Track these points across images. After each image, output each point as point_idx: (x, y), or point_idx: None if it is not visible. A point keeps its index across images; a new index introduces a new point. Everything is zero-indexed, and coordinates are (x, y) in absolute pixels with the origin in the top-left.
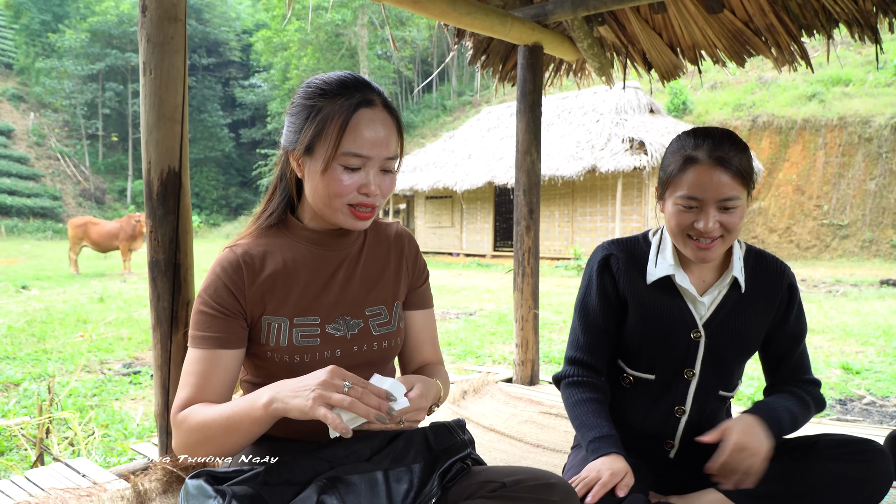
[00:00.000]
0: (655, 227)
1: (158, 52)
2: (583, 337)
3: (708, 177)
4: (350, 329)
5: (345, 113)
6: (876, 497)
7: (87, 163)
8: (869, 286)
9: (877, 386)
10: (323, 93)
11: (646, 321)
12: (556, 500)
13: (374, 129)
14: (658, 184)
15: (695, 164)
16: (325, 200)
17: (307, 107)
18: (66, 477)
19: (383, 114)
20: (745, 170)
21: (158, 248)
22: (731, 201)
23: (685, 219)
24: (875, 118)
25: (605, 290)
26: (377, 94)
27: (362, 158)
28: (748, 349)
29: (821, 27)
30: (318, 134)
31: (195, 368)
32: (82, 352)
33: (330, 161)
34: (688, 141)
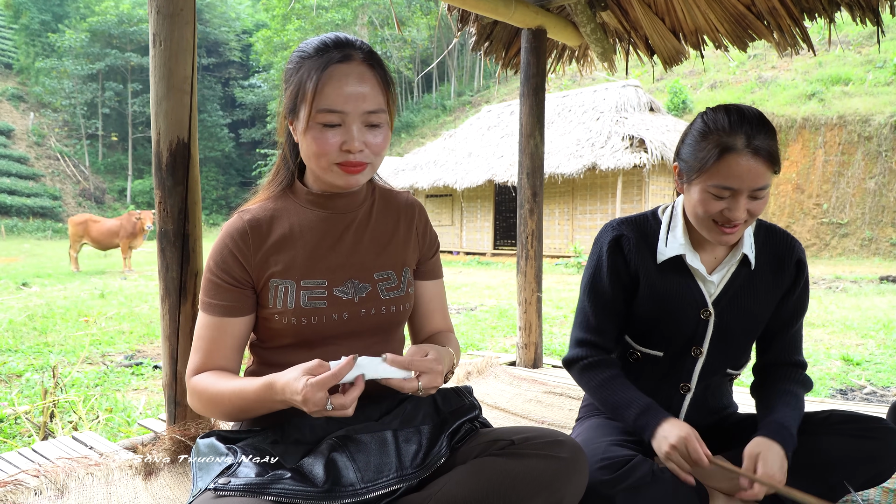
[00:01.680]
0: (664, 204)
1: (168, 24)
2: (593, 318)
3: (746, 167)
4: (358, 292)
5: (318, 70)
6: (885, 474)
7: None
8: (869, 283)
9: (877, 376)
10: (301, 54)
11: (655, 300)
12: (565, 455)
13: (348, 83)
14: (681, 164)
15: (732, 153)
16: (312, 160)
17: (289, 70)
18: (73, 449)
19: (361, 67)
20: (777, 155)
21: (167, 219)
22: (763, 190)
23: (715, 206)
24: (875, 117)
25: (618, 270)
26: (357, 50)
27: (338, 114)
28: (757, 326)
29: (822, 10)
30: (296, 94)
31: (205, 334)
32: (84, 345)
33: (308, 120)
34: (721, 122)
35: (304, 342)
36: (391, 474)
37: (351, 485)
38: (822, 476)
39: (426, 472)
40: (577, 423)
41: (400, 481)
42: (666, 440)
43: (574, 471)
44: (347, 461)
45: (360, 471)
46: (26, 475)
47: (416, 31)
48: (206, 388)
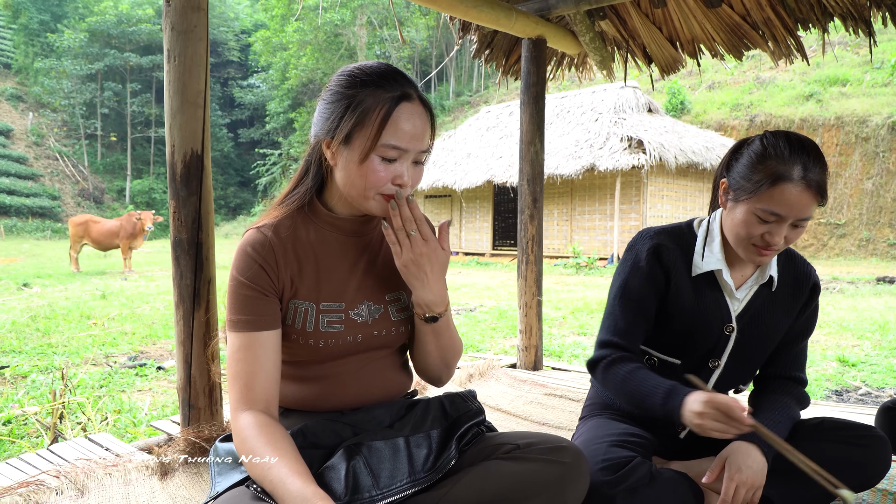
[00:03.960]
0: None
1: (182, 40)
2: (622, 321)
3: (797, 198)
4: (371, 315)
5: (387, 105)
6: (873, 480)
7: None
8: (865, 283)
9: (872, 378)
10: (364, 83)
11: (685, 312)
12: (568, 460)
13: (413, 122)
14: (731, 181)
15: (787, 183)
16: (358, 189)
17: (347, 96)
18: (88, 450)
19: (420, 108)
20: (826, 188)
21: (182, 228)
22: (806, 220)
23: (758, 229)
24: (872, 118)
25: (656, 278)
26: (414, 88)
27: (400, 151)
28: (771, 344)
29: (816, 21)
30: (359, 124)
31: (241, 356)
32: (87, 346)
33: (369, 152)
34: (781, 149)
35: (316, 360)
36: (404, 480)
37: (367, 491)
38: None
39: (437, 475)
40: (580, 422)
41: (412, 486)
42: (692, 413)
43: (576, 475)
44: (363, 468)
45: (376, 477)
46: (47, 476)
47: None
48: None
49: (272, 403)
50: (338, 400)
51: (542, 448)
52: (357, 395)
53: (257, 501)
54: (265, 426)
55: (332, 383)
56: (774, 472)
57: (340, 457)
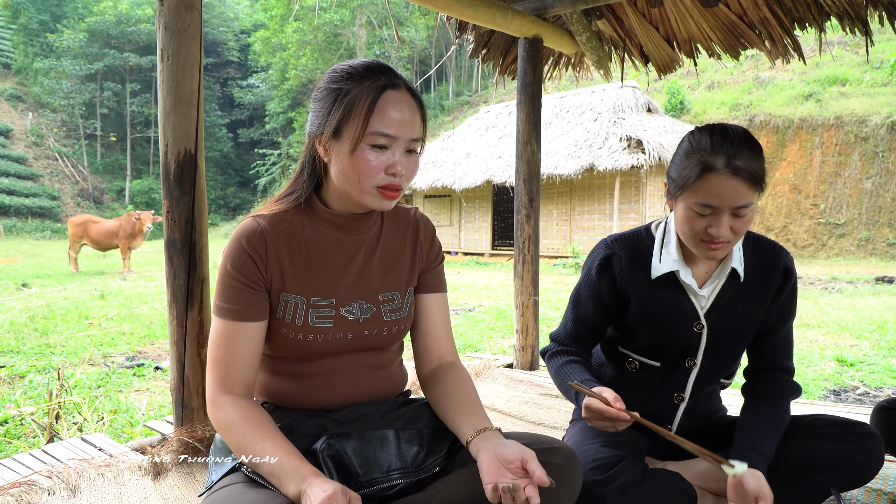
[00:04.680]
0: (656, 220)
1: (176, 39)
2: (570, 325)
3: (725, 186)
4: (363, 313)
5: (372, 94)
6: (867, 476)
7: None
8: (864, 283)
9: (870, 377)
10: (349, 76)
11: (649, 315)
12: (560, 461)
13: (401, 109)
14: (669, 181)
15: (712, 173)
16: (353, 182)
17: (334, 90)
18: (82, 451)
19: (408, 96)
20: (760, 175)
21: (175, 228)
22: (745, 208)
23: (698, 224)
24: (871, 117)
25: (600, 290)
26: (401, 79)
27: (389, 138)
28: (747, 336)
29: (813, 20)
30: (346, 115)
31: (222, 342)
32: (86, 346)
33: (358, 141)
34: (704, 142)
35: (306, 356)
36: (393, 470)
37: (352, 477)
38: (807, 478)
39: (427, 472)
40: (570, 425)
41: (401, 476)
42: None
43: (569, 475)
44: (351, 455)
45: (361, 465)
46: (39, 476)
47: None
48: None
49: (250, 388)
50: (327, 398)
51: (535, 449)
52: (347, 394)
53: (250, 483)
54: (247, 409)
55: (322, 381)
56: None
57: (324, 444)
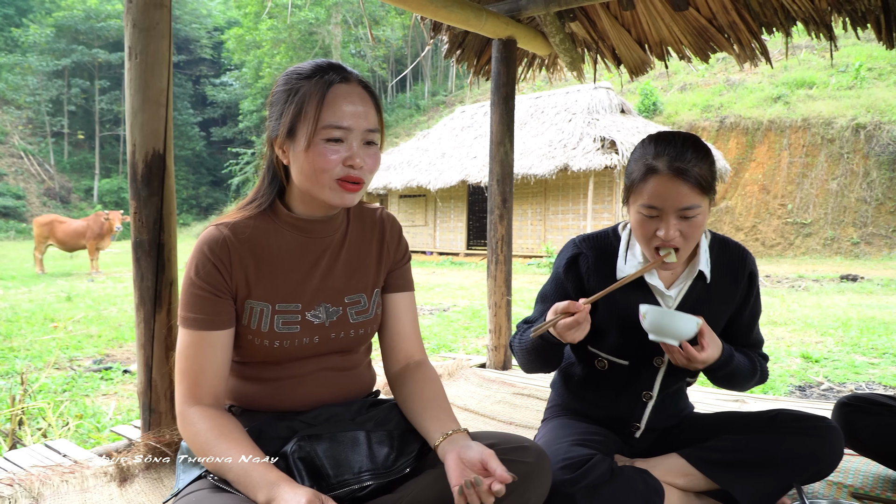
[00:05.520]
0: (625, 221)
1: (144, 37)
2: (535, 317)
3: (667, 188)
4: (329, 317)
5: (321, 88)
6: (827, 470)
7: (52, 161)
8: (830, 281)
9: (834, 373)
10: (299, 76)
11: (615, 315)
12: (530, 460)
13: (352, 101)
14: (623, 188)
15: (654, 175)
16: (311, 178)
17: (285, 91)
18: (46, 457)
19: (359, 88)
20: (705, 178)
21: (142, 229)
22: (691, 210)
23: (647, 226)
24: (837, 120)
25: (567, 287)
26: (351, 73)
27: (343, 130)
28: None
29: (779, 24)
30: (298, 113)
31: (190, 353)
32: (51, 349)
33: (312, 137)
34: (649, 149)
35: (273, 361)
36: (364, 471)
37: (323, 480)
38: (769, 471)
39: (398, 473)
40: (542, 424)
41: (372, 478)
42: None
43: (539, 474)
44: (322, 456)
45: (332, 467)
46: (0, 484)
47: (389, 31)
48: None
49: (219, 398)
50: (295, 400)
51: (505, 448)
52: (315, 396)
53: (217, 491)
54: (215, 419)
55: (290, 384)
56: (733, 466)
57: (294, 446)
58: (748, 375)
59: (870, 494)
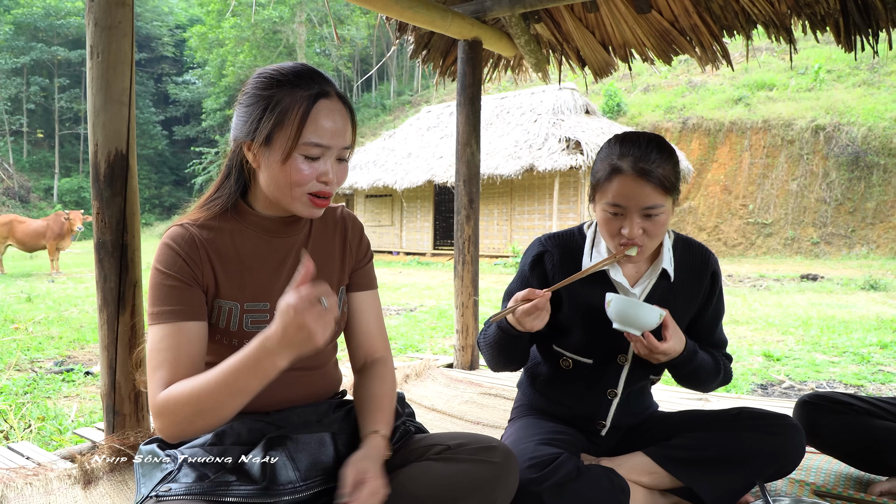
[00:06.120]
0: (590, 220)
1: (106, 36)
2: None
3: (630, 187)
4: None
5: (305, 103)
6: (789, 467)
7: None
8: (790, 281)
9: (795, 372)
10: (280, 83)
11: (580, 312)
12: (498, 460)
13: (333, 119)
14: (590, 186)
15: (619, 175)
16: (283, 190)
17: (264, 97)
18: (9, 459)
19: (339, 104)
20: (668, 179)
21: (105, 230)
22: (654, 209)
23: (612, 224)
24: (797, 121)
25: (532, 285)
26: (331, 85)
27: (322, 148)
28: None
29: (740, 28)
30: (278, 125)
31: (164, 345)
32: (11, 350)
33: (291, 151)
34: (615, 149)
35: None
36: (330, 473)
37: (290, 482)
38: (732, 469)
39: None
40: (508, 424)
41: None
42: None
43: (506, 474)
44: (286, 459)
45: (299, 469)
46: None
47: (355, 30)
48: (179, 390)
49: None
50: (263, 401)
51: (473, 448)
52: (283, 397)
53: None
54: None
55: None
56: (697, 464)
57: (260, 448)
58: (712, 374)
59: (832, 492)
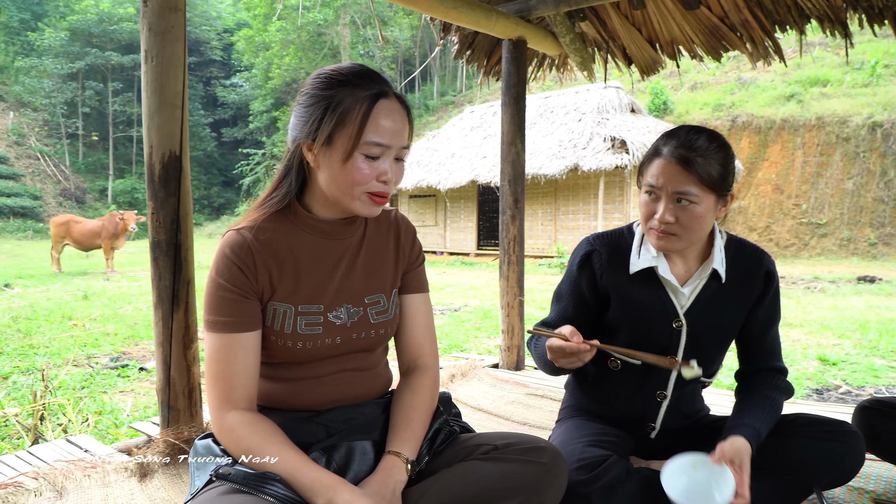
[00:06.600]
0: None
1: (160, 41)
2: (551, 316)
3: (665, 169)
4: (350, 317)
5: (366, 104)
6: (848, 475)
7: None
8: (846, 283)
9: (852, 376)
10: (340, 84)
11: (629, 311)
12: (546, 460)
13: (393, 118)
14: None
15: (659, 157)
16: (343, 189)
17: (324, 97)
18: (68, 452)
19: (398, 104)
20: (709, 172)
21: (160, 229)
22: (687, 196)
23: (647, 207)
24: (852, 118)
25: (581, 285)
26: (389, 86)
27: (382, 147)
28: (727, 337)
29: (793, 22)
30: (339, 124)
31: (220, 357)
32: (69, 346)
33: (352, 151)
34: (664, 136)
35: (294, 361)
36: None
37: None
38: (788, 476)
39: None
40: (556, 425)
41: None
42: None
43: (554, 475)
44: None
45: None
46: (25, 477)
47: (398, 32)
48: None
49: (253, 400)
50: (314, 400)
51: (520, 448)
52: (334, 397)
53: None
54: (255, 423)
55: (310, 384)
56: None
57: (317, 457)
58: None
59: (892, 500)
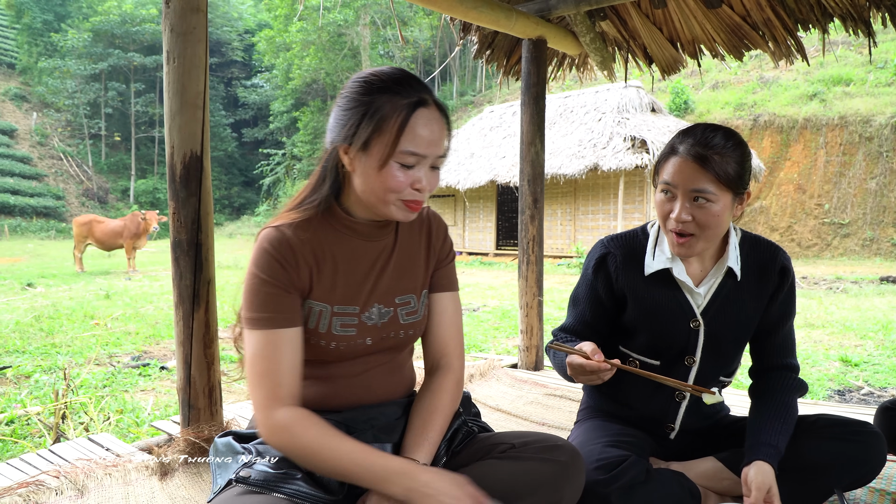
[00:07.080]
0: (654, 220)
1: (181, 42)
2: (569, 320)
3: (681, 167)
4: (381, 318)
5: (404, 112)
6: (869, 476)
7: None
8: (869, 283)
9: (875, 377)
10: (380, 89)
11: (645, 313)
12: (564, 459)
13: (431, 128)
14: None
15: (675, 155)
16: (378, 195)
17: (364, 103)
18: (89, 450)
19: (437, 113)
20: (726, 171)
21: (181, 229)
22: (703, 194)
23: (664, 206)
24: (876, 117)
25: (597, 289)
26: (429, 93)
27: (418, 157)
28: (745, 334)
29: (816, 21)
30: (376, 131)
31: (265, 353)
32: (91, 345)
33: (388, 159)
34: (680, 134)
35: (325, 360)
36: None
37: (360, 495)
38: (810, 477)
39: None
40: (575, 425)
41: None
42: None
43: (572, 473)
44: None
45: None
46: (47, 476)
47: (418, 32)
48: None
49: (298, 398)
50: (339, 400)
51: (538, 447)
52: (358, 397)
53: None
54: (308, 417)
55: (335, 384)
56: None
57: None
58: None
59: None
